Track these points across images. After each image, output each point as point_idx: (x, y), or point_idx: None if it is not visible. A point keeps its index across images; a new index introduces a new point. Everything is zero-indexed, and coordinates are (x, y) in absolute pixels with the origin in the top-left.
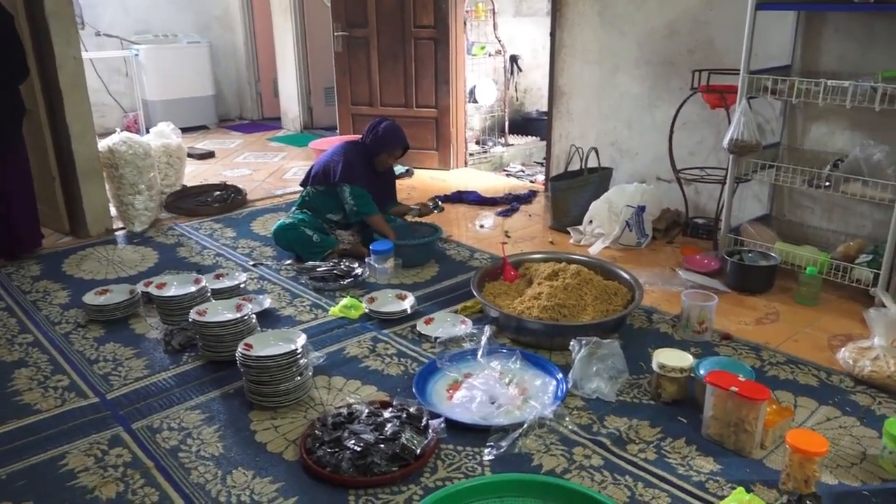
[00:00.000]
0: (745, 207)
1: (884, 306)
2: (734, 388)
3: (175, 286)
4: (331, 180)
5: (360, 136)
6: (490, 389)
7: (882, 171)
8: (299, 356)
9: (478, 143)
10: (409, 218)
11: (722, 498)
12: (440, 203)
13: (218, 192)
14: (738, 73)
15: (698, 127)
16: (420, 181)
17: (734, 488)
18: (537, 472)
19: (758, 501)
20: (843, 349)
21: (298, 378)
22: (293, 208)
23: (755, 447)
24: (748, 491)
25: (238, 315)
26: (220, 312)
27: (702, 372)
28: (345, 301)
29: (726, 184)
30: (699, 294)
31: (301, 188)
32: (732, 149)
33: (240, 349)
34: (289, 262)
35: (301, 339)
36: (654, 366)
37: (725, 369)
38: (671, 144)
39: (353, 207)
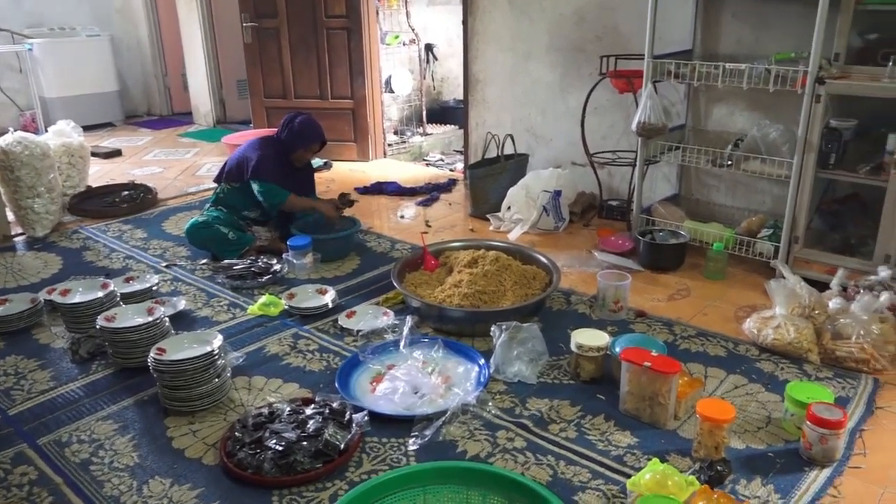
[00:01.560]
0: (656, 188)
1: (783, 277)
2: (647, 364)
3: (81, 292)
4: (245, 177)
5: (276, 129)
6: (413, 379)
7: (778, 149)
8: (216, 358)
9: (396, 133)
10: None
11: (639, 469)
12: (349, 198)
13: (126, 192)
14: (644, 58)
15: (609, 111)
16: (339, 174)
17: (650, 459)
18: (462, 458)
19: (671, 470)
20: (748, 320)
21: (216, 380)
22: (207, 206)
23: (669, 419)
24: (663, 461)
25: (150, 319)
26: (130, 317)
27: (617, 349)
28: (264, 299)
29: (636, 166)
30: (614, 274)
31: (215, 185)
32: (640, 132)
33: (152, 354)
34: (204, 261)
35: (217, 340)
36: (573, 346)
37: (639, 346)
38: (583, 129)
39: (265, 203)
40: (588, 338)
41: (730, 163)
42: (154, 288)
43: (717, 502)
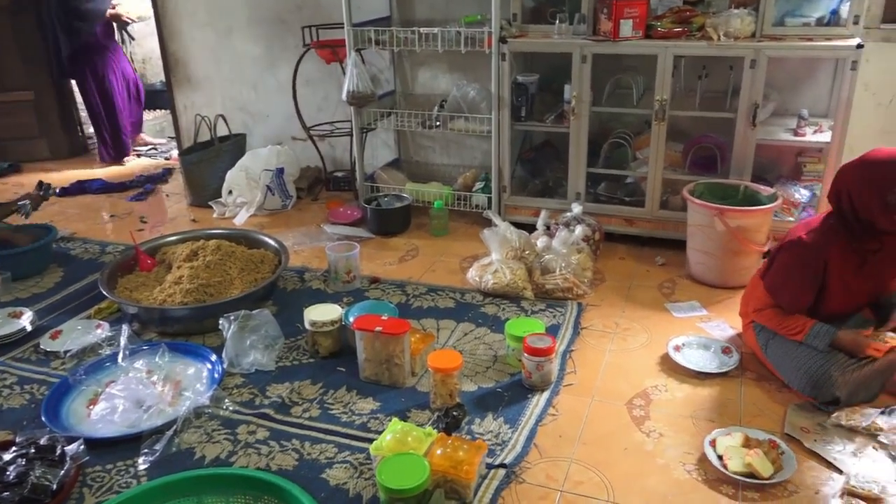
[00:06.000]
0: (377, 155)
1: (496, 225)
2: (378, 329)
3: None
4: None
5: None
6: (134, 393)
7: (477, 107)
8: None
9: None
10: (20, 219)
11: (382, 433)
12: (50, 186)
13: None
14: (344, 27)
15: (321, 83)
16: (31, 177)
17: (391, 420)
18: (201, 464)
19: (409, 427)
20: (470, 269)
21: None
22: None
23: (407, 377)
24: (404, 419)
25: None
26: None
27: (351, 319)
28: None
29: (354, 135)
30: (343, 245)
31: None
32: (350, 101)
33: None
34: None
35: None
36: (307, 324)
37: (371, 312)
38: (297, 103)
39: None
40: (321, 313)
41: (438, 124)
42: None
43: (451, 446)
